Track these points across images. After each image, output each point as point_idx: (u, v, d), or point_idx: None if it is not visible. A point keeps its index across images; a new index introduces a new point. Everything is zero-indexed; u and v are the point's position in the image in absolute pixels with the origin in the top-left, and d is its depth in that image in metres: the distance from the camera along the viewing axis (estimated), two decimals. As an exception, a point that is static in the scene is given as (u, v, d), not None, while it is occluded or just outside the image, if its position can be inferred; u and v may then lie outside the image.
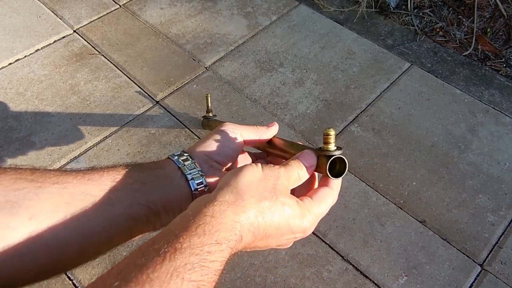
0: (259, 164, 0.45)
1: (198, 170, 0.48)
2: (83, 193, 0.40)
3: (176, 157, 0.48)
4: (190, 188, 0.46)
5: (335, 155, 0.47)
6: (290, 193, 0.46)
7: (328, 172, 0.47)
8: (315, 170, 0.50)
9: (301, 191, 0.50)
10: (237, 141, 0.53)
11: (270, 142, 0.62)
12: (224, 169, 0.52)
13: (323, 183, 0.51)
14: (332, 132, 0.49)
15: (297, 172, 0.47)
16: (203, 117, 0.72)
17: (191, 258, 0.33)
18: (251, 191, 0.40)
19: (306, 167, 0.48)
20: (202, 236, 0.35)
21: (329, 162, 0.47)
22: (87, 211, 0.40)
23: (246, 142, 0.56)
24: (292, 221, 0.43)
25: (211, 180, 0.49)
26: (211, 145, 0.51)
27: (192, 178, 0.46)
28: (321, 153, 0.48)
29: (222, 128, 0.53)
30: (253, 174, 0.42)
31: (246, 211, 0.38)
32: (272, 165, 0.46)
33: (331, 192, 0.50)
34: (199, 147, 0.51)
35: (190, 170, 0.47)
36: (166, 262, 0.32)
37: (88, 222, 0.40)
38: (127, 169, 0.44)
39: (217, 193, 0.40)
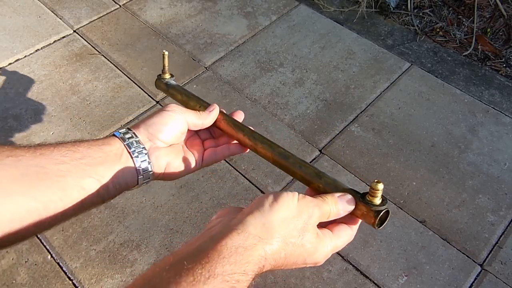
0: (296, 196, 0.45)
1: (142, 148, 0.49)
2: (37, 166, 0.42)
3: (121, 134, 0.50)
4: (134, 164, 0.48)
5: (384, 209, 0.47)
6: None
7: (375, 226, 0.47)
8: (357, 216, 0.50)
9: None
10: (181, 125, 0.54)
11: (217, 125, 0.62)
12: (169, 145, 0.54)
13: (346, 221, 0.51)
14: (381, 187, 0.48)
15: (330, 212, 0.48)
16: (158, 76, 0.68)
17: (222, 285, 0.36)
18: (282, 229, 0.42)
19: (341, 212, 0.49)
20: (234, 265, 0.37)
21: (378, 216, 0.47)
22: (43, 181, 0.42)
23: (190, 126, 0.57)
24: (308, 256, 0.45)
25: (154, 156, 0.51)
26: (156, 125, 0.52)
27: (137, 155, 0.48)
28: (368, 206, 0.48)
29: (168, 110, 0.54)
30: (288, 210, 0.43)
31: (273, 247, 0.41)
32: (307, 197, 0.47)
33: (350, 232, 0.50)
34: (144, 126, 0.52)
35: (134, 147, 0.49)
36: (200, 285, 0.35)
37: (45, 191, 0.42)
38: (75, 145, 0.46)
39: (250, 224, 0.41)
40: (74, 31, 1.50)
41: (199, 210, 1.06)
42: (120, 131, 0.50)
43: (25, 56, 1.40)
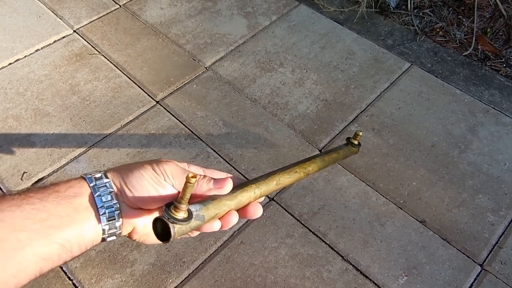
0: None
1: (114, 204, 0.43)
2: None
3: (93, 183, 0.43)
4: (98, 221, 0.42)
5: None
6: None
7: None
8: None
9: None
10: (162, 191, 0.45)
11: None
12: (141, 212, 0.46)
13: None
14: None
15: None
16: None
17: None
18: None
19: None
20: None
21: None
22: None
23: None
24: None
25: (127, 221, 0.44)
26: (131, 181, 0.44)
27: (104, 213, 0.42)
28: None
29: (156, 169, 0.45)
30: None
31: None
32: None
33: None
34: (120, 175, 0.44)
35: (103, 202, 0.42)
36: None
37: None
38: (43, 200, 0.40)
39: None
40: (74, 31, 1.50)
41: (199, 210, 1.06)
42: (95, 176, 0.43)
43: (25, 56, 1.40)
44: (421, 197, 1.10)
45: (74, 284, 0.96)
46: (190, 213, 0.41)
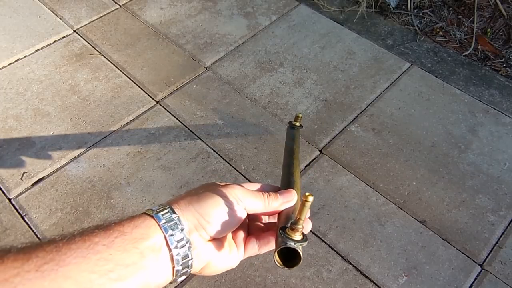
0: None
1: (186, 242, 0.40)
2: None
3: (163, 220, 0.40)
4: (172, 263, 0.40)
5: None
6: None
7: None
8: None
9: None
10: (239, 218, 0.44)
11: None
12: (209, 239, 0.44)
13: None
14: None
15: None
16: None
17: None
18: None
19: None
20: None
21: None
22: None
23: (249, 212, 0.46)
24: None
25: (196, 253, 0.41)
26: (209, 216, 0.42)
27: (178, 253, 0.39)
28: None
29: (224, 194, 0.44)
30: None
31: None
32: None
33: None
34: (194, 211, 0.42)
35: (177, 241, 0.39)
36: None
37: None
38: (108, 247, 0.36)
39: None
40: (74, 31, 1.50)
41: (199, 210, 1.06)
42: (162, 213, 0.40)
43: (25, 56, 1.40)
44: (421, 197, 1.10)
45: (74, 284, 0.96)
46: (303, 233, 0.42)
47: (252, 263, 0.99)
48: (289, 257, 0.42)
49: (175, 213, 0.41)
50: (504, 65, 1.44)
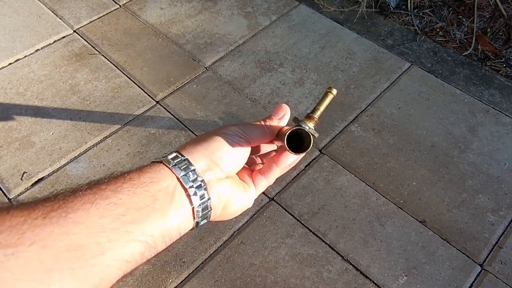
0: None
1: (200, 181, 0.39)
2: (68, 248, 0.31)
3: (173, 163, 0.38)
4: (191, 204, 0.38)
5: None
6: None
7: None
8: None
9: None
10: (246, 151, 0.44)
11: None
12: (227, 176, 0.43)
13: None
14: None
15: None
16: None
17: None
18: None
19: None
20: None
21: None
22: (76, 272, 0.32)
23: (253, 149, 0.46)
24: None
25: (214, 191, 0.40)
26: (219, 152, 0.41)
27: (195, 193, 0.38)
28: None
29: (229, 133, 0.43)
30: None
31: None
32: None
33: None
34: (203, 151, 0.40)
35: (191, 181, 0.38)
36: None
37: (78, 286, 0.32)
38: (117, 192, 0.35)
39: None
40: (74, 31, 1.50)
41: (199, 210, 1.06)
42: (169, 156, 0.39)
43: (25, 56, 1.40)
44: (421, 197, 1.10)
45: (74, 284, 0.96)
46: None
47: (252, 263, 0.99)
48: (296, 144, 0.42)
49: (183, 156, 0.40)
50: (504, 65, 1.44)
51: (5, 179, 1.12)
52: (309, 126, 0.42)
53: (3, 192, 1.10)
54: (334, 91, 0.39)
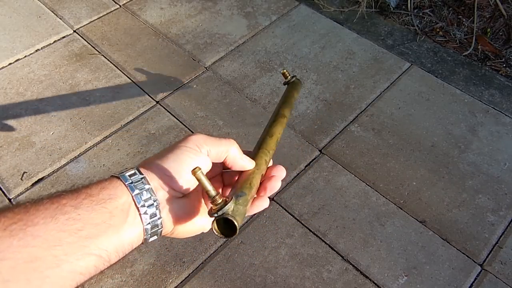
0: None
1: (154, 201, 0.40)
2: (26, 260, 0.33)
3: (129, 181, 0.40)
4: (142, 223, 0.40)
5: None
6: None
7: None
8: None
9: None
10: (202, 164, 0.43)
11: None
12: (183, 195, 0.44)
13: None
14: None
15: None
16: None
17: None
18: None
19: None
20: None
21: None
22: (31, 283, 0.34)
23: (213, 159, 0.45)
24: None
25: (165, 212, 0.41)
26: (170, 166, 0.41)
27: (146, 212, 0.39)
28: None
29: (187, 147, 0.43)
30: None
31: None
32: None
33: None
34: (157, 169, 0.41)
35: (143, 200, 0.39)
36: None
37: None
38: (76, 208, 0.37)
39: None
40: (74, 31, 1.50)
41: (199, 210, 1.06)
42: (127, 173, 0.40)
43: (25, 56, 1.40)
44: (421, 197, 1.10)
45: (74, 284, 0.96)
46: (230, 197, 0.41)
47: (252, 263, 0.99)
48: (229, 226, 0.41)
49: (141, 174, 0.41)
50: (504, 65, 1.44)
51: (5, 179, 1.12)
52: (220, 206, 0.40)
53: (3, 192, 1.10)
54: (198, 171, 0.38)
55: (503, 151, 1.19)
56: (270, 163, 0.50)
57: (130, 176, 0.40)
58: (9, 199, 1.08)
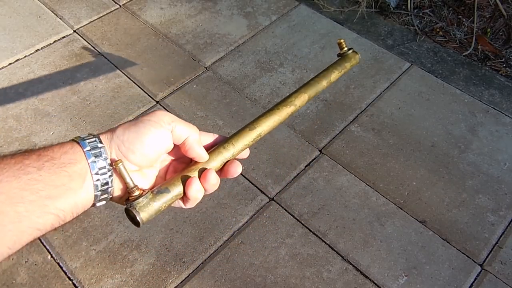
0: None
1: (108, 170, 0.42)
2: None
3: (88, 149, 0.41)
4: (94, 189, 0.42)
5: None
6: None
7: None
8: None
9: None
10: (162, 140, 0.44)
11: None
12: (140, 169, 0.45)
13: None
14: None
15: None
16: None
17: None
18: None
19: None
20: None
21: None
22: None
23: (176, 141, 0.45)
24: None
25: (117, 180, 0.43)
26: (130, 142, 0.42)
27: (98, 179, 0.41)
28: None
29: (152, 118, 0.44)
30: None
31: None
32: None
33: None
34: (117, 140, 0.43)
35: (98, 168, 0.41)
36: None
37: None
38: (38, 169, 0.39)
39: None
40: (74, 31, 1.50)
41: (199, 210, 1.06)
42: (88, 140, 0.42)
43: (25, 56, 1.40)
44: (421, 197, 1.10)
45: (74, 284, 0.96)
46: (150, 192, 0.43)
47: (252, 263, 0.99)
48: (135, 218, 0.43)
49: (101, 143, 0.42)
50: (504, 65, 1.44)
51: (5, 179, 1.12)
52: (136, 200, 0.42)
53: (3, 192, 1.10)
54: (119, 163, 0.40)
55: (503, 151, 1.19)
56: (247, 153, 0.50)
57: (90, 143, 0.42)
58: (9, 199, 1.08)
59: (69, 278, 0.97)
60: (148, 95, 1.31)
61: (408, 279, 0.97)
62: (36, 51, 1.42)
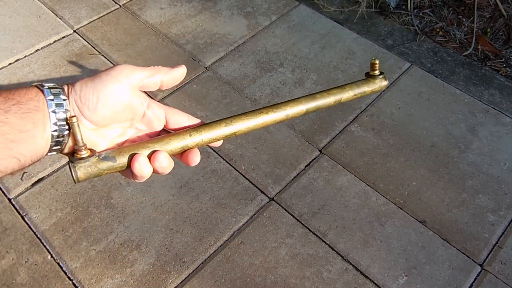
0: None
1: (66, 123, 0.41)
2: None
3: (50, 99, 0.41)
4: (50, 140, 0.42)
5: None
6: None
7: None
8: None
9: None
10: (119, 95, 0.43)
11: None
12: (93, 128, 0.44)
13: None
14: None
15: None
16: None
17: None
18: None
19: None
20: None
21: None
22: None
23: (143, 88, 0.45)
24: None
25: (72, 139, 0.42)
26: (85, 94, 0.42)
27: (55, 129, 0.41)
28: None
29: (108, 73, 0.43)
30: None
31: None
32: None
33: None
34: (75, 90, 0.42)
35: (57, 119, 0.41)
36: None
37: None
38: (5, 112, 0.39)
39: None
40: (74, 31, 1.50)
41: (199, 210, 1.06)
42: (53, 90, 0.42)
43: (25, 56, 1.40)
44: (421, 197, 1.10)
45: (74, 284, 0.96)
46: (95, 156, 0.42)
47: (252, 263, 0.99)
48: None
49: (64, 94, 0.42)
50: (504, 65, 1.44)
51: (5, 179, 1.12)
52: (81, 157, 0.42)
53: (3, 192, 1.10)
54: (74, 119, 0.40)
55: (503, 151, 1.19)
56: (219, 143, 0.49)
57: (54, 93, 0.42)
58: (9, 199, 1.08)
59: (69, 278, 0.97)
60: (148, 95, 1.31)
61: (408, 279, 0.97)
62: (36, 51, 1.42)
